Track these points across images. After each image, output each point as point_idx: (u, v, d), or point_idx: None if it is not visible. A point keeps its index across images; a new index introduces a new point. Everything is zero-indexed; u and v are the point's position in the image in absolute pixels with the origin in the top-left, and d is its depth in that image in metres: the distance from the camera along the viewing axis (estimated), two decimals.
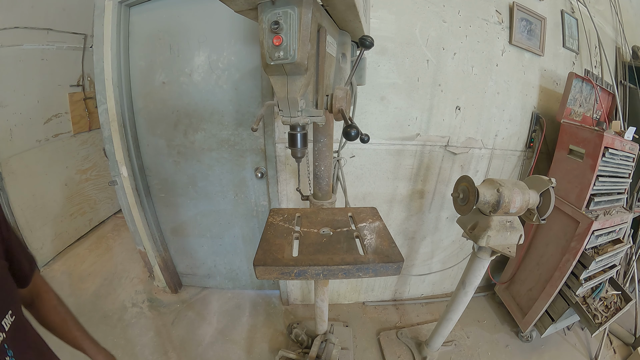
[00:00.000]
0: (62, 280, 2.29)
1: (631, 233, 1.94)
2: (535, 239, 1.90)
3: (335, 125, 1.27)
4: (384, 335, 1.92)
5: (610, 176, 1.59)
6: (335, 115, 0.79)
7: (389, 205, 1.86)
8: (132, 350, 1.77)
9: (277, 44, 0.62)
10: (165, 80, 1.62)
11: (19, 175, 2.20)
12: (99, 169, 2.94)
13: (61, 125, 2.50)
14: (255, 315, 2.08)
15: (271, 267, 0.77)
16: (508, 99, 1.75)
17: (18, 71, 2.12)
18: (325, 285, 1.35)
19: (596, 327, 1.62)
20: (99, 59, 1.56)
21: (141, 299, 2.17)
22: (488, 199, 1.11)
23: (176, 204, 1.96)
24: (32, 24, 2.14)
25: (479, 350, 1.88)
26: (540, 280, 1.82)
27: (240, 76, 1.56)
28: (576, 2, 1.85)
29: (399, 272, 0.80)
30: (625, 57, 2.09)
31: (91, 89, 2.68)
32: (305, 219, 1.01)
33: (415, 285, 2.24)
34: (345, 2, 0.70)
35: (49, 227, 2.47)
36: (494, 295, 2.25)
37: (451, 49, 1.57)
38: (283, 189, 1.77)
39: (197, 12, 1.48)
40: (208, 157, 1.78)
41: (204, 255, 2.16)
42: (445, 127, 1.70)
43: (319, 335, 1.56)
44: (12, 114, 2.11)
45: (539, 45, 1.73)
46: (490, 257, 1.27)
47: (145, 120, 1.74)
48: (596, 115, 1.90)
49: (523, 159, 1.96)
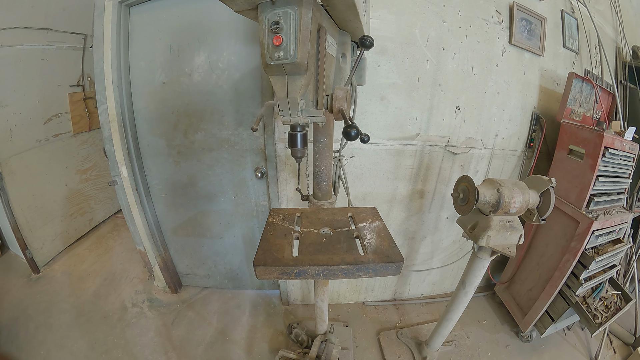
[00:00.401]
0: (62, 280, 2.29)
1: (631, 233, 1.94)
2: (535, 239, 1.90)
3: (336, 125, 1.27)
4: (384, 335, 1.92)
5: (610, 176, 1.59)
6: (335, 115, 0.79)
7: (389, 205, 1.86)
8: (132, 350, 1.77)
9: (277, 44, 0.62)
10: (165, 80, 1.62)
11: (19, 175, 2.20)
12: (99, 169, 2.94)
13: (61, 125, 2.49)
14: (255, 315, 2.08)
15: (271, 267, 0.77)
16: (508, 99, 1.75)
17: (18, 71, 2.12)
18: (325, 285, 1.35)
19: (596, 327, 1.62)
20: (99, 59, 1.56)
21: (141, 299, 2.17)
22: (488, 199, 1.11)
23: (176, 204, 1.96)
24: (32, 24, 2.14)
25: (479, 350, 1.88)
26: (540, 280, 1.82)
27: (240, 76, 1.56)
28: (576, 2, 1.85)
29: (399, 272, 0.80)
30: (625, 57, 2.09)
31: (91, 89, 2.68)
32: (305, 219, 1.01)
33: (415, 285, 2.24)
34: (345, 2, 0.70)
35: (49, 227, 2.47)
36: (494, 295, 2.25)
37: (451, 49, 1.57)
38: (283, 189, 1.77)
39: (197, 12, 1.48)
40: (208, 157, 1.78)
41: (204, 255, 2.16)
42: (445, 127, 1.70)
43: (319, 335, 1.56)
44: (12, 114, 2.11)
45: (539, 45, 1.73)
46: (490, 257, 1.27)
47: (145, 120, 1.74)
48: (596, 115, 1.90)
49: (523, 159, 1.96)
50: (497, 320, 2.11)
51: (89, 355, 1.72)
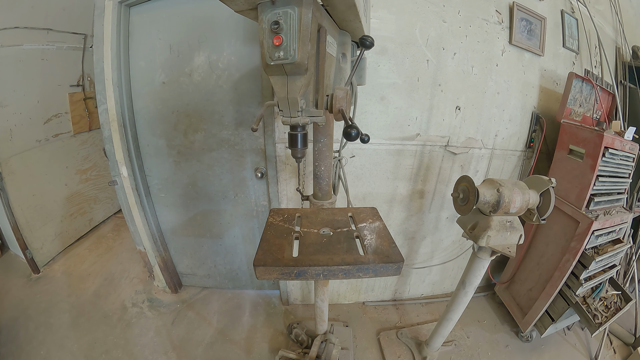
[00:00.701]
0: (62, 280, 2.29)
1: (631, 233, 1.94)
2: (535, 239, 1.90)
3: (336, 125, 1.27)
4: (384, 335, 1.92)
5: (610, 176, 1.59)
6: (335, 115, 0.78)
7: (389, 205, 1.86)
8: (132, 350, 1.77)
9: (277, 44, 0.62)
10: (165, 80, 1.62)
11: (19, 175, 2.20)
12: (99, 169, 2.94)
13: (61, 125, 2.49)
14: (255, 315, 2.08)
15: (271, 267, 0.77)
16: (508, 99, 1.75)
17: (18, 71, 2.12)
18: (325, 286, 1.35)
19: (596, 327, 1.62)
20: (99, 59, 1.56)
21: (141, 299, 2.17)
22: (488, 199, 1.11)
23: (176, 204, 1.96)
24: (32, 24, 2.14)
25: (479, 350, 1.88)
26: (540, 280, 1.82)
27: (240, 76, 1.56)
28: (576, 2, 1.85)
29: (399, 272, 0.80)
30: (625, 57, 2.09)
31: (91, 89, 2.68)
32: (305, 219, 1.01)
33: (415, 285, 2.24)
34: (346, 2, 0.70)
35: (49, 227, 2.47)
36: (494, 295, 2.25)
37: (451, 49, 1.57)
38: (283, 189, 1.77)
39: (197, 12, 1.48)
40: (208, 157, 1.78)
41: (204, 255, 2.16)
42: (445, 127, 1.70)
43: (319, 335, 1.55)
44: (12, 114, 2.11)
45: (539, 45, 1.73)
46: (490, 257, 1.27)
47: (145, 120, 1.74)
48: (596, 115, 1.90)
49: (523, 159, 1.96)
50: (497, 320, 2.11)
51: (89, 355, 1.72)
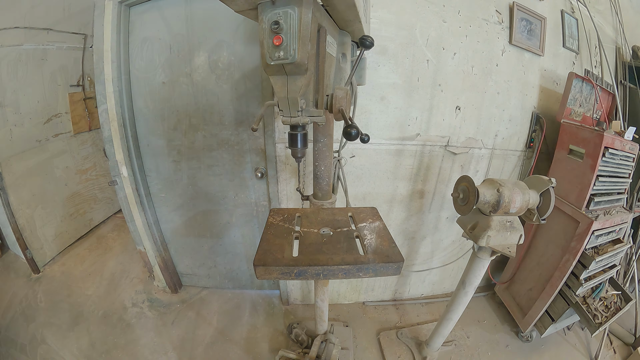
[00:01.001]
0: (62, 280, 2.29)
1: (631, 233, 1.94)
2: (535, 239, 1.90)
3: (336, 125, 1.27)
4: (384, 335, 1.92)
5: (610, 176, 1.59)
6: (335, 115, 0.78)
7: (389, 205, 1.86)
8: (132, 350, 1.77)
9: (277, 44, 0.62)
10: (165, 80, 1.62)
11: (19, 175, 2.20)
12: (99, 169, 2.94)
13: (61, 125, 2.49)
14: (255, 315, 2.08)
15: (271, 267, 0.77)
16: (508, 98, 1.75)
17: (18, 71, 2.12)
18: (325, 285, 1.35)
19: (596, 327, 1.62)
20: (99, 59, 1.56)
21: (141, 299, 2.16)
22: (488, 199, 1.11)
23: (176, 204, 1.96)
24: (32, 24, 2.14)
25: (479, 350, 1.88)
26: (540, 280, 1.82)
27: (240, 76, 1.56)
28: (576, 2, 1.85)
29: (399, 272, 0.80)
30: (625, 57, 2.09)
31: (91, 89, 2.68)
32: (305, 219, 1.01)
33: (415, 285, 2.24)
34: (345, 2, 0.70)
35: (49, 227, 2.47)
36: (494, 295, 2.25)
37: (451, 49, 1.57)
38: (283, 189, 1.77)
39: (197, 12, 1.48)
40: (208, 157, 1.78)
41: (204, 255, 2.16)
42: (445, 127, 1.70)
43: (319, 335, 1.56)
44: (12, 114, 2.11)
45: (539, 45, 1.73)
46: (490, 257, 1.27)
47: (145, 120, 1.74)
48: (596, 115, 1.90)
49: (523, 159, 1.96)
50: (497, 320, 2.11)
51: (89, 355, 1.72)
